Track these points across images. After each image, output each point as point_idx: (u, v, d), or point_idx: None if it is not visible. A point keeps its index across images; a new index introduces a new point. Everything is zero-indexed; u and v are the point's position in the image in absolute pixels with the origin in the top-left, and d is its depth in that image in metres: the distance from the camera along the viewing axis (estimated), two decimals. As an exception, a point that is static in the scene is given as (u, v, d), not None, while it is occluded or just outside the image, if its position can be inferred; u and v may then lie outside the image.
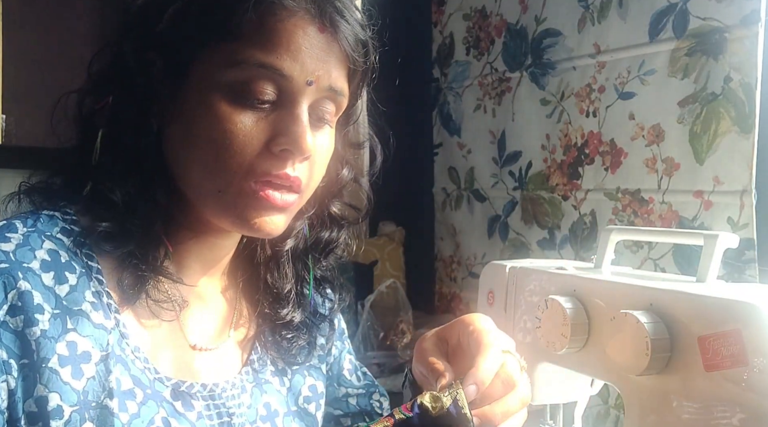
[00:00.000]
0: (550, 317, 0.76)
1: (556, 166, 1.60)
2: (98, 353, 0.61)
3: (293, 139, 0.62)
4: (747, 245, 1.16)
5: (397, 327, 1.70)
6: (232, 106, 0.62)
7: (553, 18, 1.58)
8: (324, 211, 0.78)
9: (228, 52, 0.61)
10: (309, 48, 0.63)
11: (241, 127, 0.62)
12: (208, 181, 0.64)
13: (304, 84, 0.63)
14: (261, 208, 0.64)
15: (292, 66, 0.62)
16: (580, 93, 1.51)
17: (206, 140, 0.62)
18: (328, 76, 0.64)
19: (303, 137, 0.62)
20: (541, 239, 1.65)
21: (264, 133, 0.63)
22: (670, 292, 0.67)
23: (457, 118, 1.93)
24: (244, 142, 0.62)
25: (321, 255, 0.79)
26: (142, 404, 0.62)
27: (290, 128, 0.62)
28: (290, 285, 0.77)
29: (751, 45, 1.15)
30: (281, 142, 0.62)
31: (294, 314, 0.77)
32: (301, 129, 0.63)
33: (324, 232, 0.78)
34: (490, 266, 0.92)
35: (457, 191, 1.94)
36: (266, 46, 0.61)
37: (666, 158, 1.32)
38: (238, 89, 0.62)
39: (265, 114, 0.63)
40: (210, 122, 0.62)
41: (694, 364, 0.63)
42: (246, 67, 0.61)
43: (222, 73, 0.62)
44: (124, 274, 0.64)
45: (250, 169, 0.62)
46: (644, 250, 1.36)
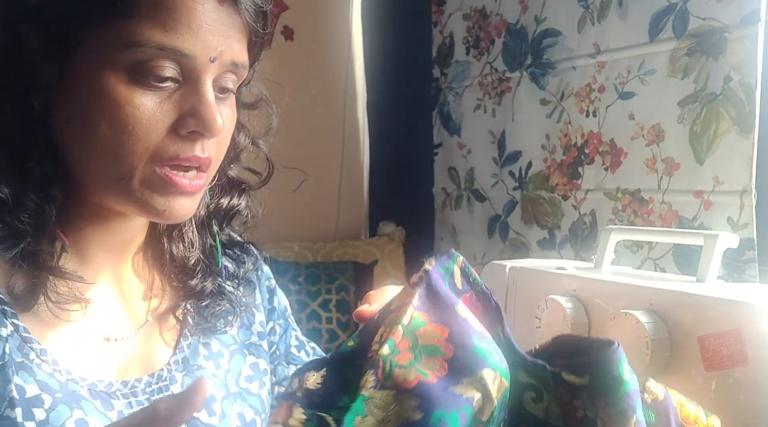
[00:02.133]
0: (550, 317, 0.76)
1: (556, 166, 1.60)
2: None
3: (203, 121, 0.59)
4: (747, 245, 1.16)
5: (397, 327, 1.70)
6: (131, 88, 0.58)
7: (553, 18, 1.58)
8: (223, 176, 0.74)
9: (123, 32, 0.57)
10: (210, 24, 0.59)
11: (143, 110, 0.58)
12: (109, 169, 0.59)
13: (207, 61, 0.59)
14: (169, 195, 0.60)
15: (194, 45, 0.58)
16: (580, 93, 1.51)
17: (105, 126, 0.58)
18: (231, 51, 0.61)
19: (213, 118, 0.59)
20: (541, 239, 1.65)
21: (169, 116, 0.59)
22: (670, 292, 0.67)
23: (457, 118, 1.93)
24: (148, 126, 0.58)
25: (224, 221, 0.76)
26: (50, 410, 0.58)
27: (198, 109, 0.59)
28: (197, 254, 0.73)
29: (751, 45, 1.15)
30: (190, 124, 0.59)
31: (204, 284, 0.73)
32: (211, 109, 0.59)
33: (224, 199, 0.75)
34: (490, 266, 0.92)
35: (457, 191, 1.94)
36: (166, 25, 0.57)
37: (666, 158, 1.32)
38: (138, 70, 0.58)
39: (168, 94, 0.59)
40: (108, 106, 0.58)
41: (694, 364, 0.63)
42: (146, 49, 0.57)
43: (118, 54, 0.57)
44: (16, 278, 0.59)
45: (156, 154, 0.59)
46: (644, 250, 1.35)
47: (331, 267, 1.87)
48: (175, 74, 0.59)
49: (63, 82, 0.59)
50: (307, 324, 1.73)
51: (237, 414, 0.72)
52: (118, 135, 0.58)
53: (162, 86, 0.59)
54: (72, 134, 0.60)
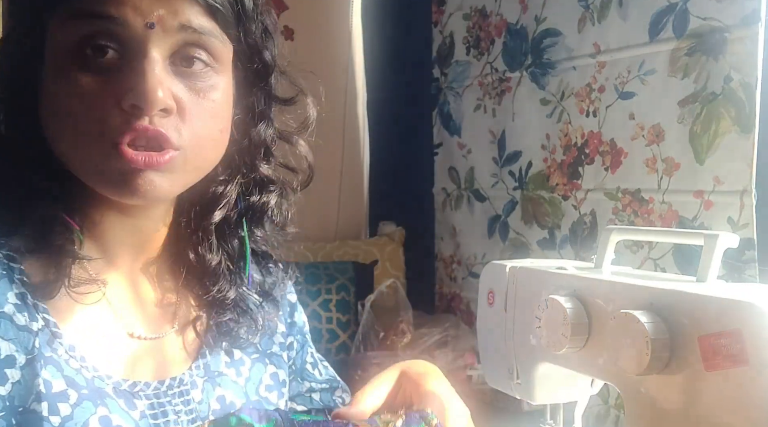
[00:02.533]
0: (550, 317, 0.76)
1: (556, 166, 1.60)
2: (23, 357, 0.58)
3: (139, 92, 0.56)
4: (747, 245, 1.16)
5: (397, 327, 1.71)
6: (78, 69, 0.57)
7: (553, 18, 1.58)
8: (252, 174, 0.72)
9: (64, 10, 0.57)
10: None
11: (88, 89, 0.57)
12: (74, 150, 0.59)
13: (144, 28, 0.57)
14: (128, 172, 0.58)
15: (124, 10, 0.56)
16: (580, 93, 1.51)
17: (63, 109, 0.58)
18: (174, 15, 0.58)
19: (151, 90, 0.56)
20: (541, 239, 1.65)
21: (113, 92, 0.57)
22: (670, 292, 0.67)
23: (457, 118, 1.93)
24: (93, 104, 0.57)
25: (254, 222, 0.74)
26: (75, 406, 0.59)
27: (136, 82, 0.56)
28: (218, 260, 0.72)
29: (751, 45, 1.15)
30: (129, 97, 0.57)
31: (227, 292, 0.71)
32: (148, 80, 0.56)
33: (254, 196, 0.73)
34: (490, 266, 0.92)
35: (457, 191, 1.94)
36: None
37: (666, 158, 1.32)
38: (80, 49, 0.57)
39: (113, 73, 0.57)
40: (62, 89, 0.58)
41: (694, 364, 0.63)
42: (80, 21, 0.56)
43: (64, 33, 0.57)
44: (32, 265, 0.61)
45: (104, 131, 0.57)
46: (644, 250, 1.35)
47: (331, 267, 1.87)
48: (115, 49, 0.58)
49: (39, 72, 0.60)
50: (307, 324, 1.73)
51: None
52: (71, 116, 0.58)
53: (105, 65, 0.57)
54: (48, 123, 0.61)
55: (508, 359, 0.87)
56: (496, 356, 0.90)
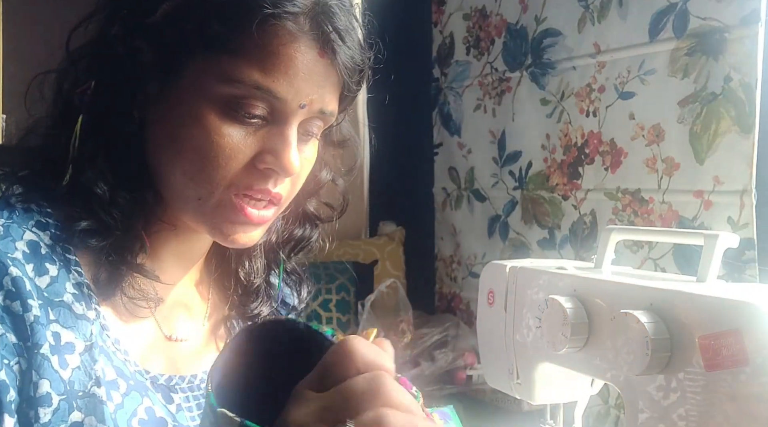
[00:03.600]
0: (550, 317, 0.76)
1: (556, 166, 1.60)
2: (82, 344, 0.61)
3: (280, 160, 0.62)
4: (747, 245, 1.16)
5: (397, 327, 1.71)
6: (222, 119, 0.61)
7: (553, 18, 1.58)
8: (299, 209, 0.78)
9: (225, 67, 0.60)
10: (306, 73, 0.62)
11: (228, 141, 0.61)
12: (189, 188, 0.63)
13: (297, 107, 0.63)
14: (237, 223, 0.64)
15: (287, 90, 0.61)
16: (580, 93, 1.51)
17: (192, 149, 0.62)
18: (321, 101, 0.64)
19: (289, 159, 0.63)
20: (541, 239, 1.65)
21: (251, 149, 0.62)
22: (670, 292, 0.67)
23: (457, 118, 1.93)
24: (230, 156, 0.61)
25: (293, 252, 0.80)
26: (125, 395, 0.62)
27: (278, 148, 0.62)
28: (260, 279, 0.77)
29: (751, 45, 1.15)
30: (267, 161, 0.63)
31: (262, 308, 0.77)
32: (289, 150, 0.63)
33: (297, 229, 0.79)
34: (490, 266, 0.92)
35: (457, 191, 1.94)
36: (265, 68, 0.60)
37: (666, 158, 1.32)
38: (231, 104, 0.61)
39: (254, 129, 0.62)
40: (198, 131, 0.61)
41: (694, 364, 0.63)
42: (242, 86, 0.60)
43: (216, 85, 0.61)
44: (101, 269, 0.64)
45: (233, 182, 0.63)
46: (644, 250, 1.36)
47: (331, 267, 1.87)
48: (264, 113, 0.62)
49: (162, 100, 0.63)
50: (307, 324, 1.73)
51: None
52: (201, 160, 0.62)
53: (250, 122, 0.62)
54: (161, 149, 0.64)
55: (508, 359, 0.87)
56: (496, 356, 0.90)
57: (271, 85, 0.61)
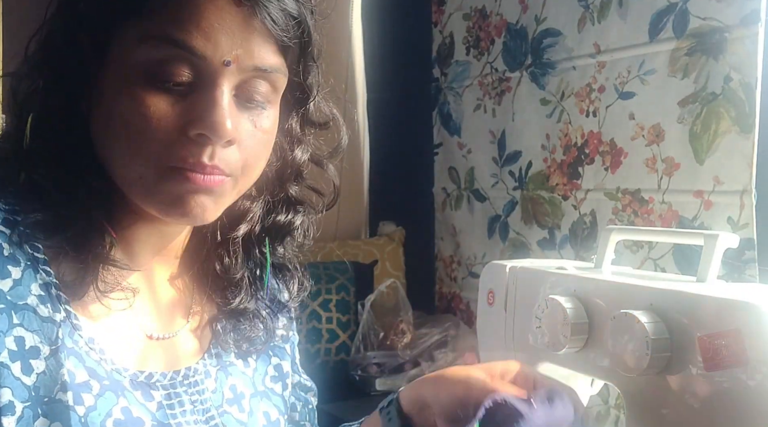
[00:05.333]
0: (550, 317, 0.76)
1: (556, 166, 1.60)
2: (47, 348, 0.59)
3: (209, 123, 0.58)
4: (747, 245, 1.16)
5: (397, 327, 1.71)
6: (147, 89, 0.59)
7: (553, 18, 1.58)
8: (281, 194, 0.74)
9: (140, 30, 0.58)
10: (224, 26, 0.58)
11: (154, 110, 0.58)
12: (129, 169, 0.61)
13: (221, 64, 0.59)
14: (184, 192, 0.60)
15: (205, 45, 0.58)
16: (580, 93, 1.51)
17: (123, 125, 0.59)
18: (250, 56, 0.60)
19: (220, 122, 0.58)
20: (541, 239, 1.65)
21: (180, 117, 0.59)
22: (670, 292, 0.67)
23: (457, 118, 1.93)
24: (158, 126, 0.58)
25: (277, 240, 0.76)
26: (98, 396, 0.61)
27: (206, 112, 0.58)
28: (242, 272, 0.74)
29: (751, 45, 1.15)
30: (197, 127, 0.58)
31: (247, 303, 0.74)
32: (218, 113, 0.59)
33: (280, 216, 0.75)
34: (490, 266, 0.92)
35: (457, 191, 1.94)
36: (177, 22, 0.57)
37: (666, 158, 1.32)
38: (153, 70, 0.58)
39: (181, 97, 0.59)
40: (126, 106, 0.59)
41: (694, 364, 0.63)
42: (157, 44, 0.58)
43: (136, 52, 0.58)
44: (65, 266, 0.62)
45: (167, 154, 0.59)
46: (644, 250, 1.36)
47: (331, 267, 1.87)
48: (189, 78, 0.59)
49: (98, 84, 0.61)
50: (308, 324, 1.73)
51: (263, 412, 0.75)
52: (131, 135, 0.59)
53: (175, 89, 0.59)
54: (101, 134, 0.62)
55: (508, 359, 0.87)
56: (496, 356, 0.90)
57: (186, 40, 0.57)
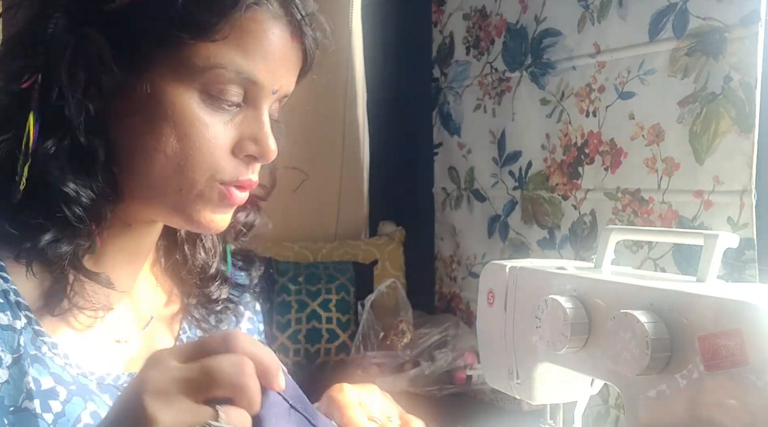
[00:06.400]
0: (550, 316, 0.76)
1: (556, 166, 1.60)
2: (9, 356, 0.58)
3: (261, 146, 0.63)
4: (747, 245, 1.16)
5: (397, 327, 1.70)
6: (202, 107, 0.61)
7: (553, 18, 1.58)
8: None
9: (205, 53, 0.59)
10: (282, 58, 0.63)
11: (211, 129, 0.61)
12: (170, 179, 0.61)
13: (270, 92, 0.63)
14: (219, 209, 0.64)
15: (266, 75, 0.62)
16: (580, 93, 1.51)
17: (174, 139, 0.60)
18: (289, 85, 0.65)
19: (269, 145, 0.63)
20: (541, 239, 1.65)
21: (230, 137, 0.62)
22: (670, 292, 0.67)
23: (457, 118, 1.93)
24: (213, 145, 0.61)
25: (241, 234, 0.78)
26: (66, 403, 0.60)
27: (257, 135, 0.63)
28: (217, 262, 0.77)
29: (751, 45, 1.15)
30: (249, 148, 0.63)
31: (221, 291, 0.77)
32: (269, 136, 0.63)
33: (242, 212, 0.77)
34: (490, 266, 0.92)
35: (457, 191, 1.94)
36: (247, 53, 0.60)
37: (666, 158, 1.32)
38: (211, 91, 0.60)
39: (231, 116, 0.62)
40: (179, 121, 0.60)
41: (694, 364, 0.63)
42: (224, 72, 0.60)
43: (196, 73, 0.59)
44: (42, 277, 0.60)
45: (217, 172, 0.62)
46: (644, 250, 1.35)
47: (331, 267, 1.87)
48: (239, 100, 0.62)
49: (126, 90, 0.59)
50: (307, 324, 1.73)
51: None
52: (185, 149, 0.60)
53: (228, 109, 0.62)
54: (131, 142, 0.61)
55: (508, 359, 0.87)
56: (496, 356, 0.90)
57: (252, 70, 0.61)
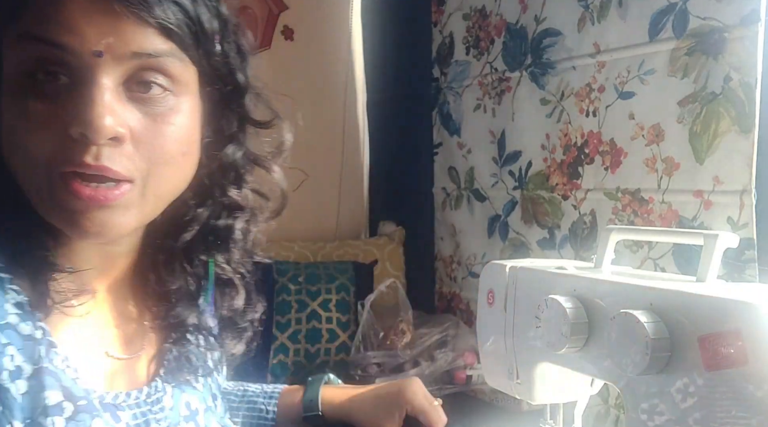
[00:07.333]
0: (550, 317, 0.76)
1: (556, 166, 1.60)
2: (30, 368, 0.56)
3: (84, 120, 0.54)
4: (747, 245, 1.16)
5: (397, 327, 1.70)
6: (26, 92, 0.56)
7: (553, 18, 1.58)
8: (222, 198, 0.70)
9: (11, 32, 0.56)
10: (86, 15, 0.54)
11: (36, 114, 0.55)
12: (26, 183, 0.58)
13: (91, 56, 0.55)
14: (76, 208, 0.56)
15: (69, 38, 0.54)
16: (580, 93, 1.51)
17: (11, 133, 0.57)
18: (124, 43, 0.55)
19: (96, 118, 0.54)
20: (541, 239, 1.65)
21: (61, 120, 0.55)
22: (670, 292, 0.67)
23: (457, 118, 1.93)
24: (41, 130, 0.55)
25: (215, 247, 0.71)
26: (70, 420, 0.57)
27: (82, 109, 0.54)
28: (179, 283, 0.71)
29: (751, 45, 1.15)
30: (75, 126, 0.55)
31: (187, 317, 0.70)
32: (94, 108, 0.54)
33: (220, 220, 0.71)
34: (490, 266, 0.92)
35: (457, 191, 1.94)
36: (41, 19, 0.55)
37: (666, 158, 1.32)
38: (28, 72, 0.56)
39: (60, 98, 0.56)
40: (10, 113, 0.56)
41: (694, 364, 0.63)
42: (26, 44, 0.55)
43: (11, 56, 0.56)
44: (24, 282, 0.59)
45: (52, 158, 0.56)
46: (644, 250, 1.35)
47: (331, 267, 1.87)
48: (65, 75, 0.56)
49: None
50: (307, 324, 1.73)
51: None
52: (16, 144, 0.56)
53: (55, 89, 0.56)
54: (4, 151, 0.59)
55: (508, 359, 0.87)
56: (496, 356, 0.90)
57: (50, 35, 0.54)
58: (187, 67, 0.61)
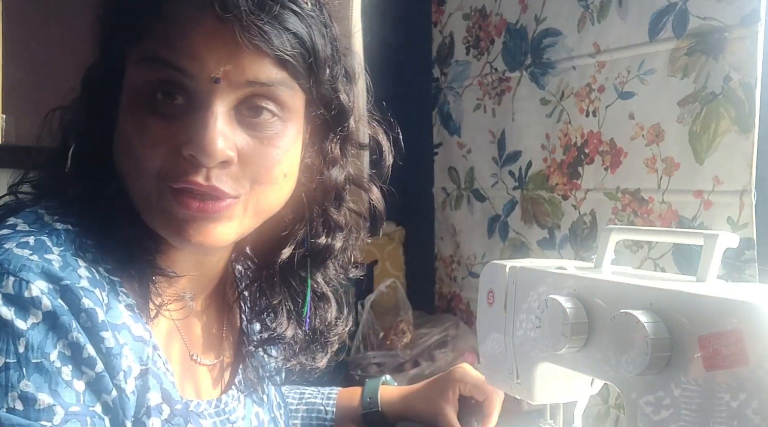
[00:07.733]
0: (550, 317, 0.76)
1: (556, 166, 1.60)
2: (138, 367, 0.58)
3: (198, 144, 0.57)
4: (747, 245, 1.16)
5: (397, 327, 1.70)
6: (146, 110, 0.59)
7: (553, 18, 1.58)
8: (321, 217, 0.73)
9: (135, 54, 0.59)
10: (208, 43, 0.57)
11: (153, 131, 0.59)
12: (135, 189, 0.61)
13: (209, 82, 0.58)
14: (183, 218, 0.60)
15: (190, 63, 0.57)
16: (580, 93, 1.51)
17: (127, 146, 0.60)
18: (240, 71, 0.58)
19: (209, 143, 0.57)
20: (541, 239, 1.65)
21: (175, 138, 0.59)
22: (670, 292, 0.67)
23: (457, 118, 1.93)
24: (153, 145, 0.59)
25: (315, 265, 0.74)
26: (165, 423, 0.60)
27: (195, 133, 0.58)
28: (279, 297, 0.73)
29: (751, 45, 1.15)
30: (188, 148, 0.58)
31: (285, 329, 0.73)
32: (207, 134, 0.57)
33: (320, 239, 0.73)
34: (490, 266, 0.92)
35: (457, 191, 1.94)
36: (165, 43, 0.58)
37: (666, 158, 1.32)
38: (149, 92, 0.59)
39: (178, 118, 0.59)
40: (128, 128, 0.60)
41: (694, 364, 0.63)
42: (149, 66, 0.58)
43: (134, 76, 0.59)
44: (135, 283, 0.61)
45: (164, 172, 0.59)
46: (644, 250, 1.35)
47: (331, 267, 1.87)
48: (183, 98, 0.59)
49: (118, 110, 0.62)
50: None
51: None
52: (133, 155, 0.60)
53: (172, 108, 0.59)
54: (117, 160, 0.62)
55: (508, 359, 0.87)
56: (496, 356, 0.90)
57: (172, 59, 0.57)
58: (297, 94, 0.63)
